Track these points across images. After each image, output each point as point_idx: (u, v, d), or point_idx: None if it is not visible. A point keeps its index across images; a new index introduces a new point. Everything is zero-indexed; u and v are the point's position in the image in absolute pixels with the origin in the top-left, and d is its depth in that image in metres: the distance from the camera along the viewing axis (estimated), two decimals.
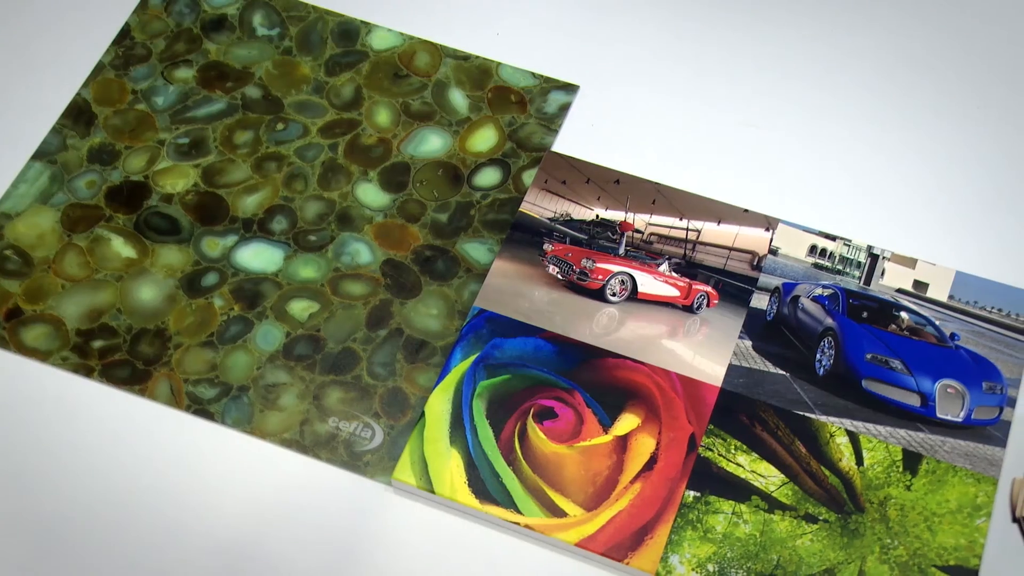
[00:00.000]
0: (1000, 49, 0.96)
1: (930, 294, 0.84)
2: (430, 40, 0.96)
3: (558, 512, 0.75)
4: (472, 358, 0.81)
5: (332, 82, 0.94)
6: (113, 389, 0.80)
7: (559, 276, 0.86)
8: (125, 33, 0.96)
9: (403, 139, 0.91)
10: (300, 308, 0.84)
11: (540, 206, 0.88)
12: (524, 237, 0.87)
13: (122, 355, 0.82)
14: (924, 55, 0.96)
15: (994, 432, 0.77)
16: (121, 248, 0.86)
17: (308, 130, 0.91)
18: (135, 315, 0.83)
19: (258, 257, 0.86)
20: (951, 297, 0.84)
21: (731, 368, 0.81)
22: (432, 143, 0.91)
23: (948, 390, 0.80)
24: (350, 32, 0.96)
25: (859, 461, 0.77)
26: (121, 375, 0.81)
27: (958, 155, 0.91)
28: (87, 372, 0.81)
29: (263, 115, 0.92)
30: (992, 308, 0.82)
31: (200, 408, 0.80)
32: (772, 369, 0.81)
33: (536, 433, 0.78)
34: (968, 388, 0.79)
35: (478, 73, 0.94)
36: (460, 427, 0.79)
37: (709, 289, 0.85)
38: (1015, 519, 0.74)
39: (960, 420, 0.78)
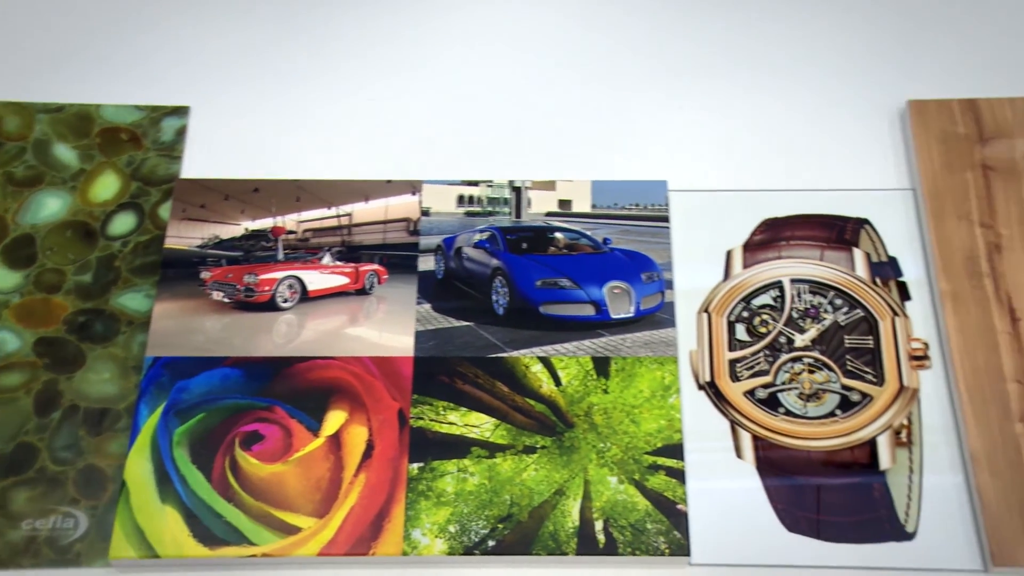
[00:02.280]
0: None
1: (575, 209, 0.89)
2: (14, 100, 0.90)
3: (291, 530, 0.74)
4: (160, 409, 0.78)
5: None
6: None
7: (226, 299, 0.83)
8: None
9: (16, 210, 0.85)
10: None
11: (185, 237, 0.85)
12: (179, 272, 0.84)
13: None
14: None
15: (663, 316, 0.84)
16: None
17: None
18: None
19: None
20: (594, 206, 0.89)
21: (418, 335, 0.83)
22: (50, 206, 0.86)
23: (615, 291, 0.85)
24: None
25: (557, 382, 0.81)
26: None
27: (556, 76, 0.96)
28: None
29: None
30: (630, 205, 0.88)
31: None
32: (456, 323, 0.83)
33: (247, 461, 0.77)
34: (631, 284, 0.85)
35: (78, 121, 0.89)
36: (168, 482, 0.75)
37: (376, 267, 0.86)
38: (700, 386, 0.81)
39: (632, 315, 0.84)
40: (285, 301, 0.84)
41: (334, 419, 0.79)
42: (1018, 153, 0.85)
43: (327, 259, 0.86)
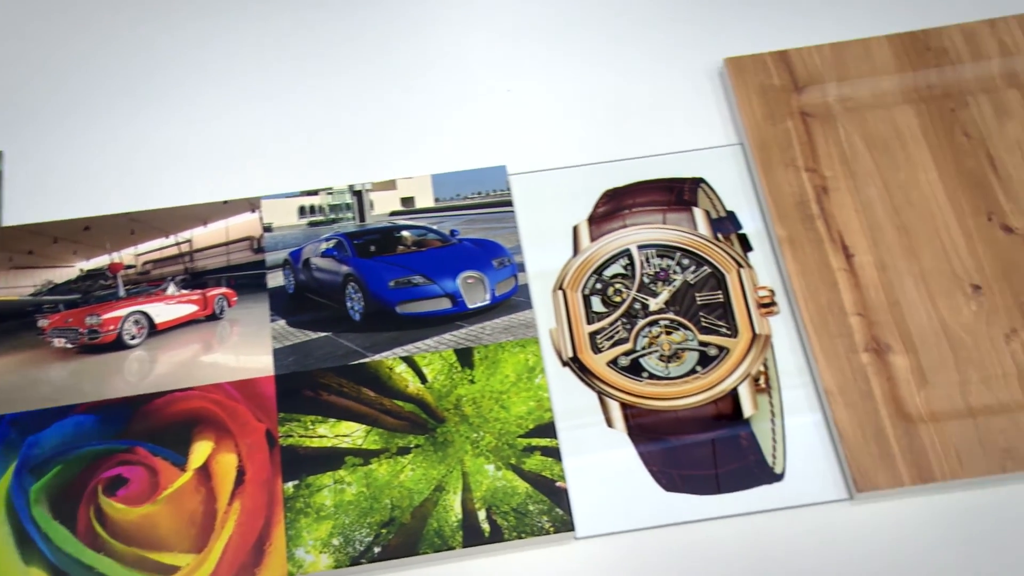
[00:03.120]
0: None
1: (418, 205, 0.89)
2: None
3: (169, 570, 0.72)
4: (12, 468, 0.74)
5: None
6: None
7: (69, 345, 0.80)
8: None
9: None
10: None
11: (16, 287, 0.82)
12: (13, 324, 0.80)
13: None
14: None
15: (519, 299, 0.84)
16: None
17: None
18: None
19: None
20: (436, 199, 0.89)
21: (277, 352, 0.81)
22: None
23: (468, 281, 0.85)
24: None
25: (423, 379, 0.81)
26: None
27: (380, 76, 0.96)
28: None
29: None
30: (472, 194, 0.89)
31: None
32: (314, 335, 0.82)
33: (113, 507, 0.74)
34: (484, 272, 0.85)
35: None
36: (29, 542, 0.72)
37: (224, 290, 0.84)
38: (564, 363, 0.81)
39: (489, 302, 0.84)
40: (133, 338, 0.81)
41: (200, 450, 0.77)
42: (831, 97, 0.89)
43: (171, 289, 0.84)
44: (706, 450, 0.77)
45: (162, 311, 0.83)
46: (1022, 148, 0.86)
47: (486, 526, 0.75)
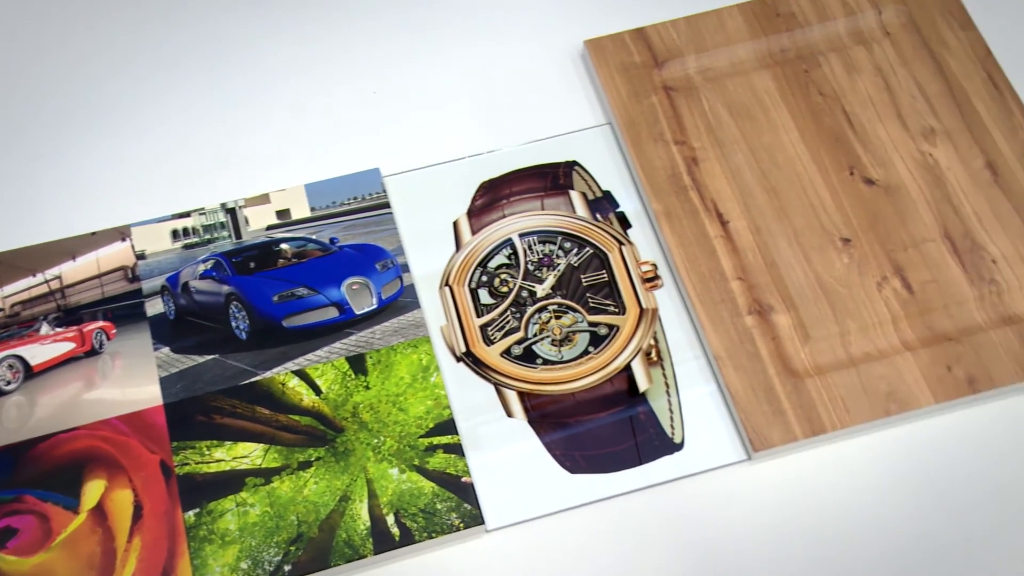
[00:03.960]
0: None
1: (295, 216, 0.87)
2: None
3: None
4: None
5: None
6: None
7: None
8: None
9: None
10: None
11: None
12: None
13: None
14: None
15: (406, 300, 0.84)
16: None
17: None
18: None
19: None
20: (313, 209, 0.88)
21: (163, 381, 0.79)
22: None
23: (353, 287, 0.84)
24: None
25: (317, 391, 0.80)
26: None
27: (241, 89, 0.94)
28: None
29: None
30: (348, 200, 0.88)
31: None
32: (201, 359, 0.80)
33: (4, 560, 0.71)
34: (368, 277, 0.85)
35: None
36: None
37: (102, 323, 0.82)
38: (458, 358, 0.81)
39: (376, 306, 0.84)
40: (8, 383, 0.78)
41: (93, 490, 0.74)
42: (691, 69, 0.91)
43: (45, 328, 0.81)
44: (606, 429, 0.78)
45: (37, 352, 0.80)
46: (874, 102, 0.89)
47: (396, 530, 0.74)
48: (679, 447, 0.77)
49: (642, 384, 0.79)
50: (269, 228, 0.87)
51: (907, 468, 0.76)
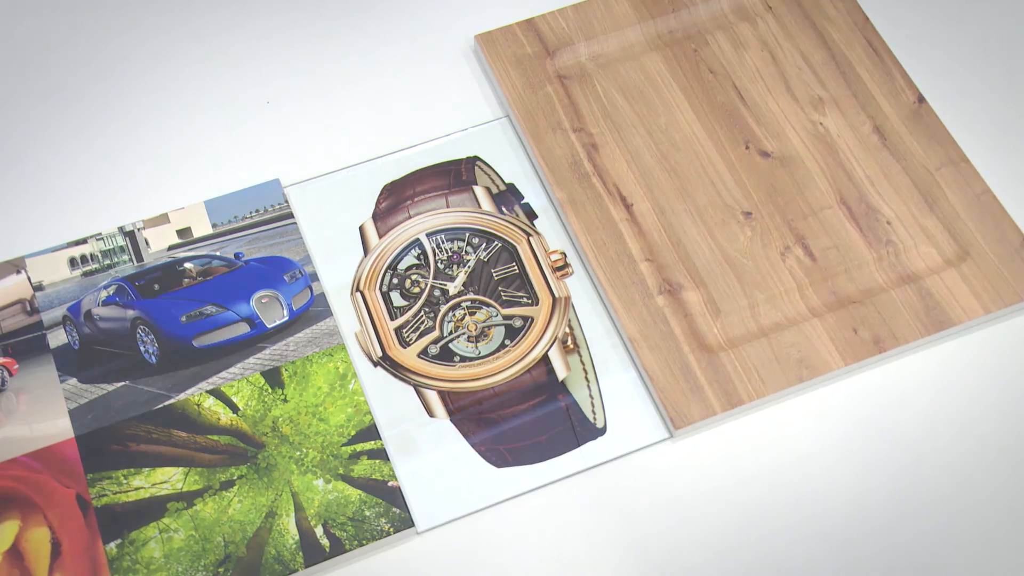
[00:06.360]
0: None
1: (196, 234, 0.86)
2: None
3: None
4: None
5: None
6: None
7: None
8: None
9: None
10: None
11: None
12: None
13: None
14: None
15: (317, 309, 0.83)
16: None
17: None
18: None
19: None
20: (214, 225, 0.86)
21: (73, 413, 0.77)
22: None
23: (263, 301, 0.83)
24: None
25: (234, 409, 0.78)
26: None
27: (129, 108, 0.92)
28: None
29: None
30: (250, 213, 0.86)
31: None
32: (111, 386, 0.78)
33: None
34: (277, 289, 0.83)
35: None
36: None
37: (2, 360, 0.79)
38: (375, 363, 0.81)
39: (288, 318, 0.82)
40: None
41: (6, 532, 0.72)
42: (583, 57, 0.91)
43: None
44: (529, 420, 0.78)
45: None
46: (762, 76, 0.90)
47: (325, 541, 0.73)
48: (602, 432, 0.78)
49: (561, 372, 0.80)
50: (171, 248, 0.85)
51: (824, 432, 0.78)
